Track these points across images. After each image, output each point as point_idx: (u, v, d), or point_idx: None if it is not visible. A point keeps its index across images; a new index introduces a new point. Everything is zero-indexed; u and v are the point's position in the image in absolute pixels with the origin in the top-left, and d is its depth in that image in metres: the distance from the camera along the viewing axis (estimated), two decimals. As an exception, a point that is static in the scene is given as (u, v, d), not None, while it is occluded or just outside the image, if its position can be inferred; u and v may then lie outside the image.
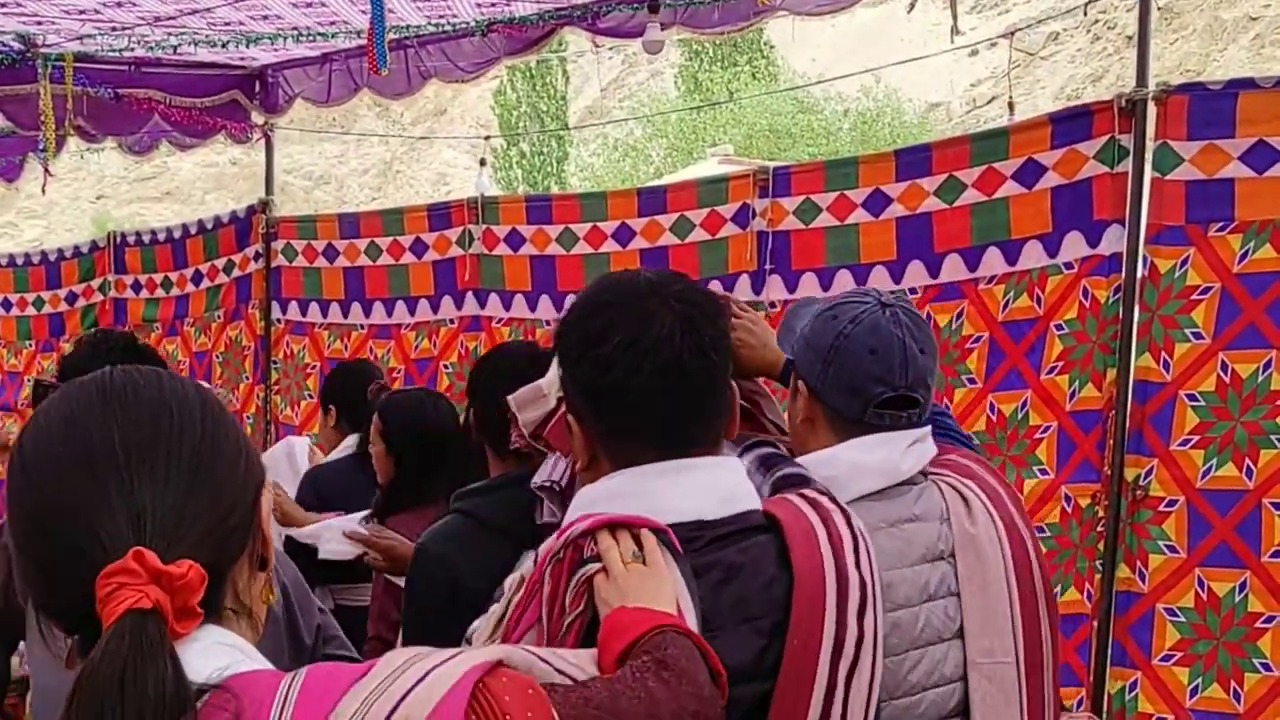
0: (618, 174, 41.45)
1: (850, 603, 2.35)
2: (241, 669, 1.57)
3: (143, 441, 1.58)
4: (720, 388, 2.43)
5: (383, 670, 1.59)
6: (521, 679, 1.70)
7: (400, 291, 7.93)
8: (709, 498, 2.36)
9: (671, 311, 2.39)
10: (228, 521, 1.61)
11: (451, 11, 7.16)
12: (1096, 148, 5.60)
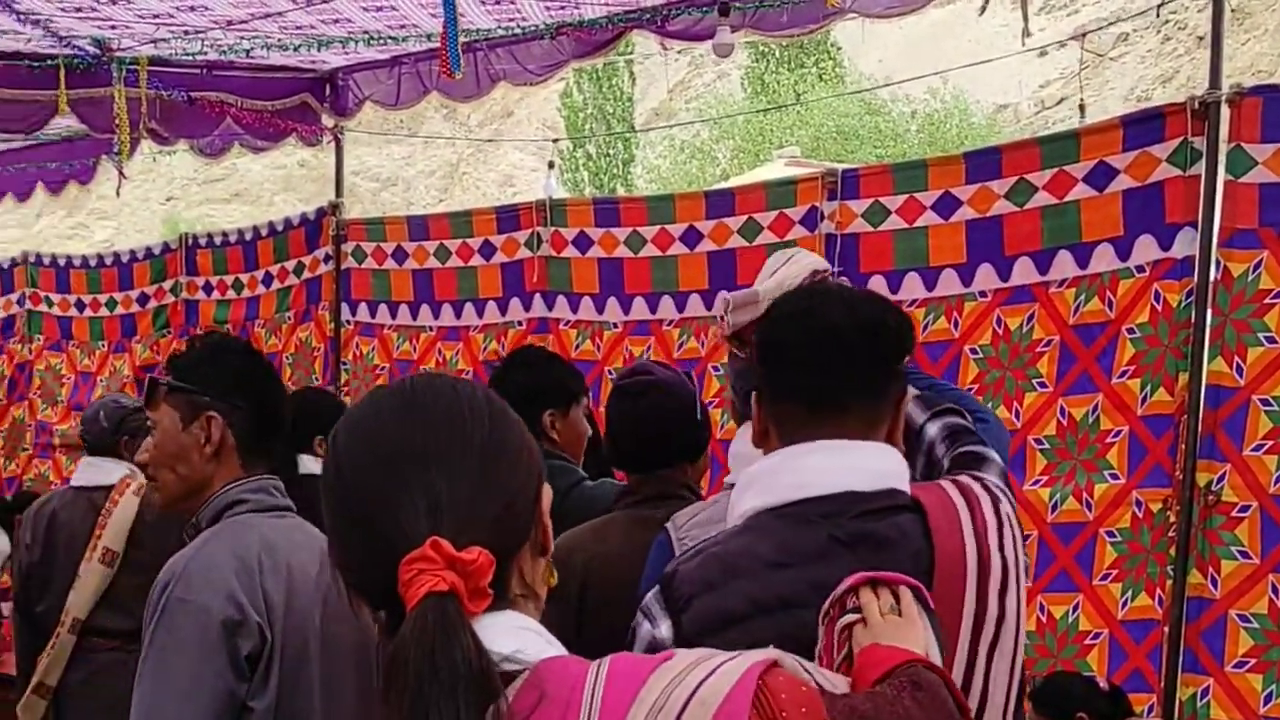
0: (684, 176, 41.44)
1: (992, 582, 2.44)
2: (547, 653, 1.75)
3: (439, 441, 1.77)
4: (877, 371, 2.56)
5: (679, 663, 1.74)
6: (795, 679, 1.81)
7: (469, 293, 7.96)
8: (860, 474, 2.48)
9: (842, 298, 2.64)
10: (512, 510, 1.79)
11: (521, 15, 7.19)
12: (1169, 150, 5.56)
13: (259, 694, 3.11)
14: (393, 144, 49.49)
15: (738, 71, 47.84)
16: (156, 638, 3.08)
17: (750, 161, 37.37)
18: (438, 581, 1.64)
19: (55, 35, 7.25)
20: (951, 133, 39.00)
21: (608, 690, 1.69)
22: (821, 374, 2.53)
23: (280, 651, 3.14)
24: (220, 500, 3.35)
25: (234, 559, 3.16)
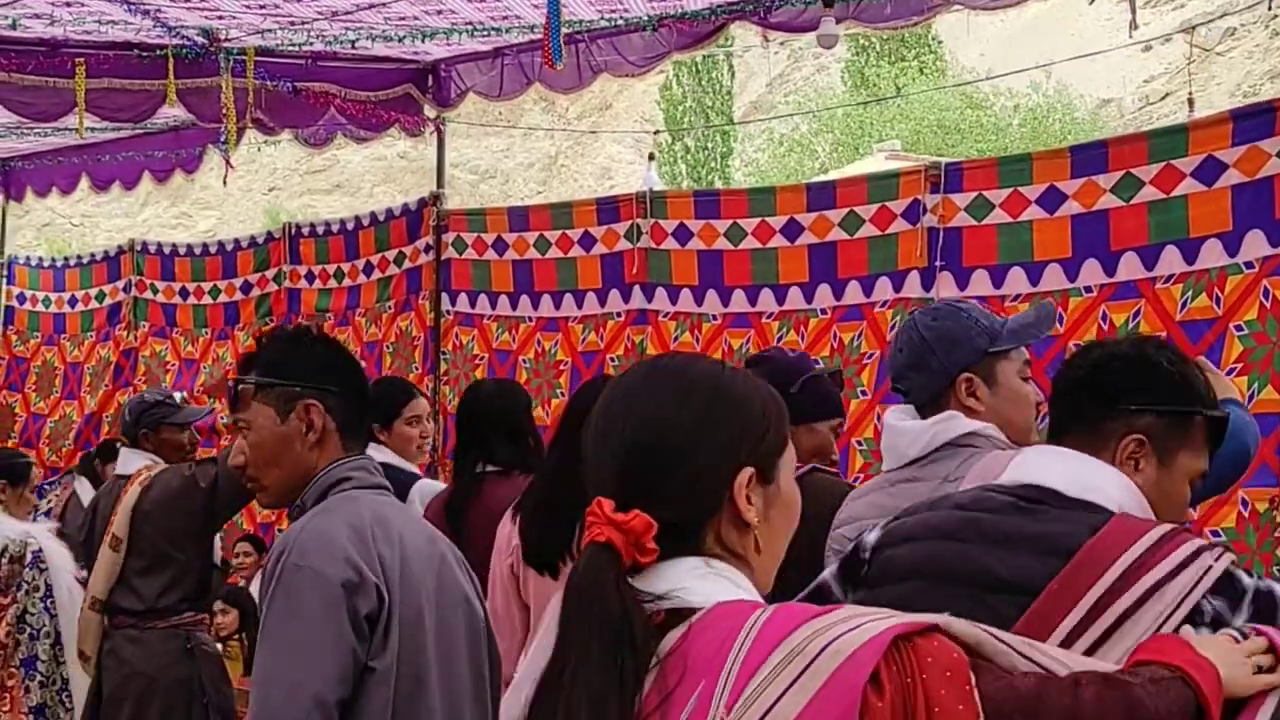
0: (783, 169, 41.28)
1: (1116, 608, 2.51)
2: (729, 597, 1.96)
3: (644, 416, 2.05)
4: (1099, 407, 2.78)
5: (836, 616, 1.89)
6: (949, 646, 1.90)
7: (568, 285, 7.99)
8: (1066, 479, 2.69)
9: (1105, 343, 2.96)
10: (695, 487, 2.02)
11: (623, 6, 7.20)
12: (1279, 145, 5.48)
13: (379, 654, 3.15)
14: (491, 136, 49.71)
15: (837, 65, 47.60)
16: (275, 604, 3.12)
17: (849, 155, 37.17)
18: (598, 534, 1.96)
19: (164, 25, 7.34)
20: (1054, 127, 38.57)
21: (763, 631, 1.87)
22: (1053, 405, 2.87)
23: (399, 614, 3.18)
24: (326, 478, 3.37)
25: (347, 528, 3.19)
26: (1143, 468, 2.73)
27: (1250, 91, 37.15)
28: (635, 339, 7.67)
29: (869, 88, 41.37)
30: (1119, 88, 44.01)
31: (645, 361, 2.21)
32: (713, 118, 44.02)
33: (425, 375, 8.68)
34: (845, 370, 6.87)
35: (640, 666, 1.92)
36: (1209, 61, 42.26)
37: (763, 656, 1.85)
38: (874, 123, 39.39)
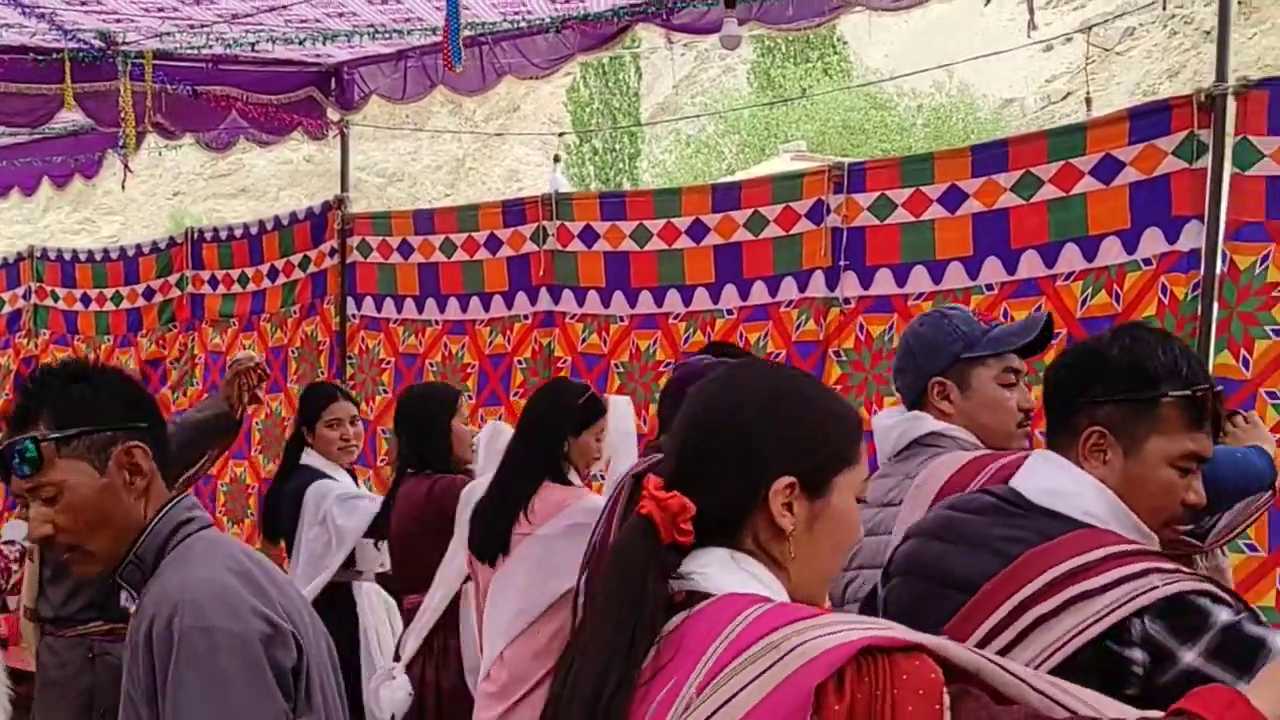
0: (690, 170, 41.38)
1: (1033, 613, 2.59)
2: (744, 589, 2.08)
3: (711, 409, 2.22)
4: (1056, 405, 2.88)
5: (827, 619, 1.98)
6: (929, 667, 1.93)
7: (475, 287, 7.96)
8: (1036, 487, 2.81)
9: (1081, 342, 3.04)
10: (731, 483, 2.15)
11: (526, 8, 7.18)
12: (1175, 143, 5.55)
13: (305, 713, 2.82)
14: (398, 139, 49.50)
15: (743, 66, 47.78)
16: (185, 680, 2.67)
17: (756, 156, 37.29)
18: (641, 507, 2.13)
19: (60, 28, 7.24)
20: (957, 127, 38.91)
21: (752, 624, 1.98)
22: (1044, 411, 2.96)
23: (311, 663, 2.85)
24: (163, 525, 2.93)
25: (233, 575, 2.81)
26: (1109, 459, 2.77)
27: (1149, 90, 37.65)
28: (542, 341, 7.66)
29: (774, 89, 41.56)
30: (1021, 87, 44.48)
31: (746, 358, 2.45)
32: (620, 119, 44.08)
33: (331, 380, 8.62)
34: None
35: (646, 637, 2.06)
36: (1109, 61, 42.79)
37: (743, 648, 1.95)
38: (780, 123, 39.56)
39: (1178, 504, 2.78)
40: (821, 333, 6.64)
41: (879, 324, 6.50)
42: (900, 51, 44.11)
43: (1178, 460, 2.75)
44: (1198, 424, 2.76)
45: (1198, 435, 2.76)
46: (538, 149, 49.97)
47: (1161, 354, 2.77)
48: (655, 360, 7.23)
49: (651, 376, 7.21)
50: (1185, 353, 2.81)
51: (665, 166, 44.66)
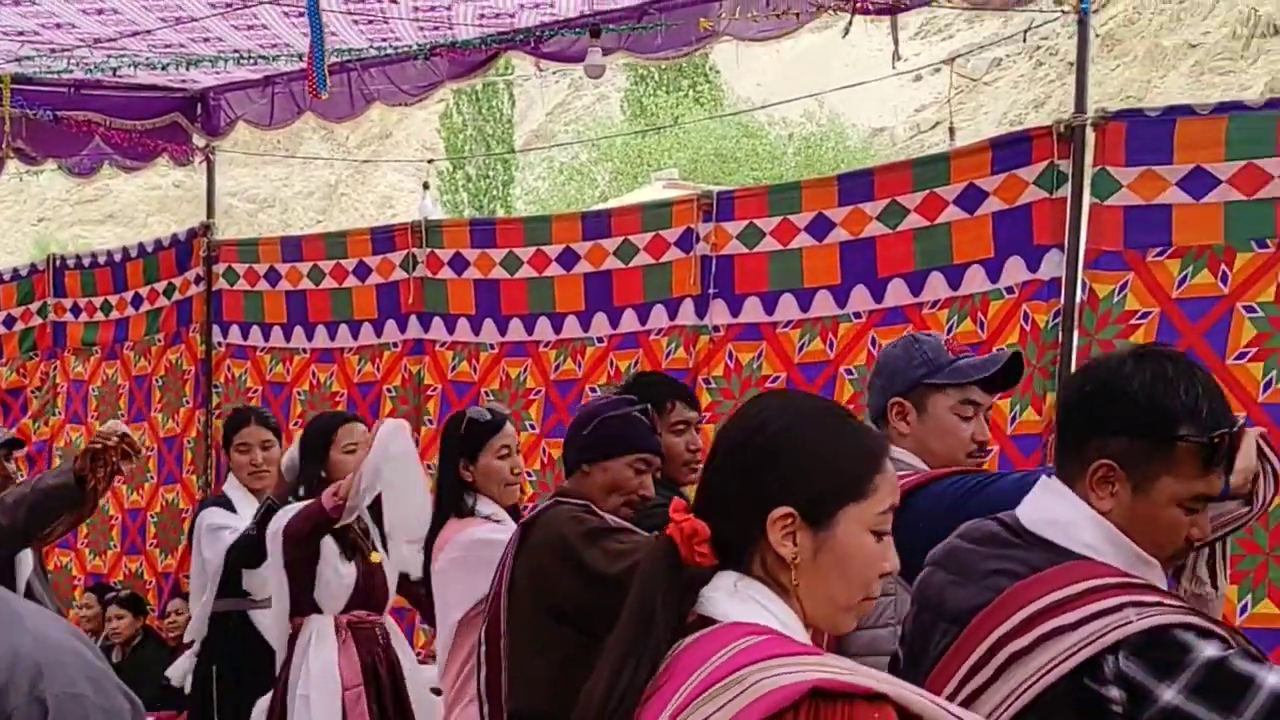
0: (563, 198, 41.41)
1: (1010, 648, 2.60)
2: (747, 618, 2.15)
3: (728, 437, 2.32)
4: (1063, 435, 2.81)
5: (798, 658, 2.05)
6: (890, 718, 2.02)
7: (343, 315, 7.90)
8: (1034, 515, 2.74)
9: (1084, 367, 3.02)
10: (733, 509, 2.23)
11: (394, 35, 7.15)
12: (1036, 173, 5.64)
13: None
14: (270, 165, 49.04)
15: (617, 94, 47.95)
16: None
17: (629, 184, 37.40)
18: (669, 528, 2.22)
19: (-86, 52, 7.11)
20: (827, 156, 39.28)
21: (734, 656, 2.06)
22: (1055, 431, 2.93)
23: None
24: None
25: (76, 639, 2.29)
26: (1117, 493, 2.66)
27: (1016, 120, 38.27)
28: (412, 369, 7.61)
29: (647, 117, 41.71)
30: (891, 117, 45.06)
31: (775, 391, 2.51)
32: (493, 146, 44.01)
33: (196, 409, 8.51)
34: (621, 398, 6.89)
35: (650, 655, 2.16)
36: (976, 91, 43.48)
37: (715, 680, 2.04)
38: (652, 151, 39.73)
39: (1181, 540, 2.68)
40: (691, 360, 6.65)
41: (748, 352, 6.53)
42: (772, 80, 44.48)
43: (1186, 501, 2.64)
44: (1212, 467, 2.64)
45: (1210, 478, 2.65)
46: (411, 175, 49.76)
47: (1183, 393, 2.62)
48: (526, 388, 7.21)
49: (522, 404, 7.19)
50: (1209, 392, 2.66)
51: (539, 194, 44.65)
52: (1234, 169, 5.12)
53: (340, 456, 5.83)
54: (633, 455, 4.41)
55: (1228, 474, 2.71)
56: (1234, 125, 5.14)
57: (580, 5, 6.60)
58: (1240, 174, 5.11)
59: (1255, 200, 5.09)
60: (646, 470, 4.43)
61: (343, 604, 5.77)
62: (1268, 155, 5.04)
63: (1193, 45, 40.64)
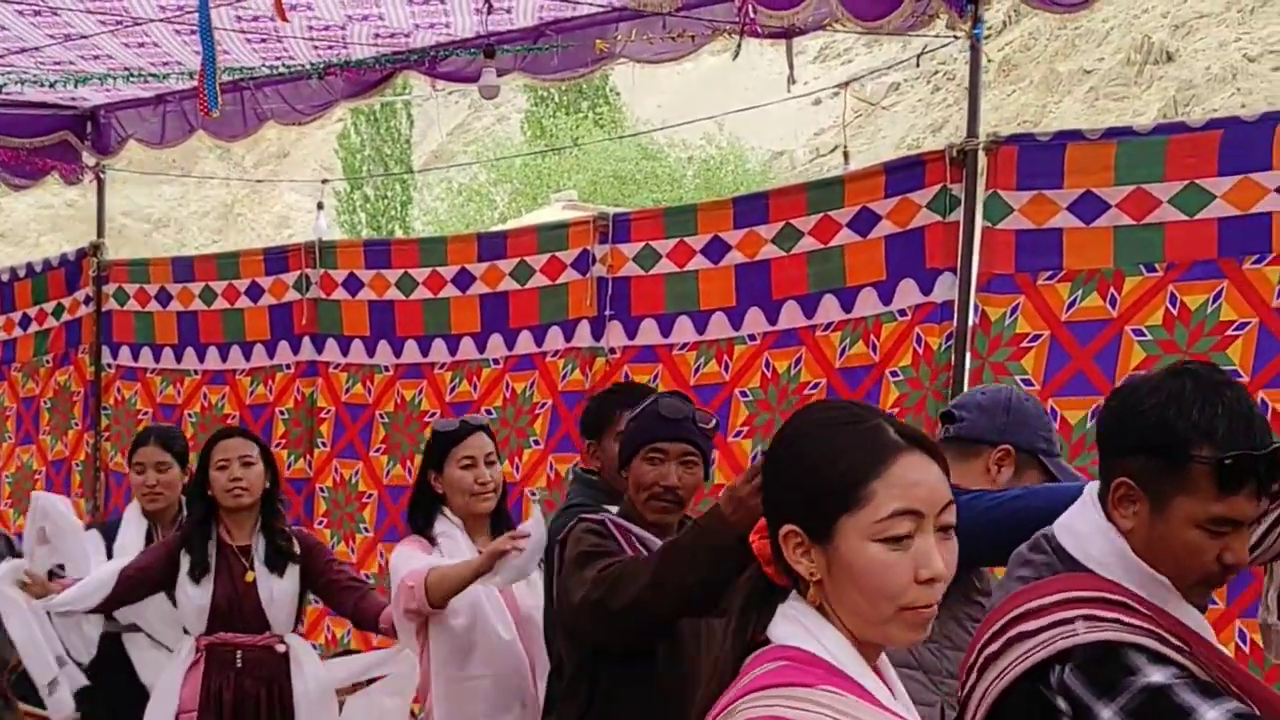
0: (462, 218, 41.27)
1: (986, 651, 2.68)
2: (791, 641, 2.17)
3: (766, 459, 2.34)
4: (1103, 449, 2.78)
5: (789, 690, 2.08)
6: None
7: (235, 336, 7.81)
8: (1059, 525, 2.80)
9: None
10: (771, 531, 2.24)
11: (288, 54, 7.08)
12: (929, 197, 5.67)
13: None
14: (165, 184, 48.48)
15: (517, 115, 47.89)
16: None
17: (528, 205, 37.33)
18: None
19: None
20: (727, 179, 39.42)
21: (745, 685, 2.10)
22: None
23: None
24: None
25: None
26: (1137, 511, 2.65)
27: (914, 144, 38.59)
28: (305, 391, 7.54)
29: (547, 138, 41.71)
30: (791, 140, 45.29)
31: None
32: (392, 166, 43.81)
33: (86, 431, 8.38)
34: (518, 420, 6.88)
35: (721, 673, 2.21)
36: (875, 115, 43.80)
37: (724, 707, 2.10)
38: (552, 173, 39.71)
39: (1210, 564, 2.61)
40: (588, 382, 6.64)
41: (644, 374, 6.51)
42: (673, 103, 44.59)
43: (1205, 523, 2.59)
44: (1232, 489, 2.57)
45: (1232, 500, 2.58)
46: (309, 196, 49.35)
47: (1197, 412, 2.58)
48: (420, 410, 7.16)
49: (417, 427, 7.14)
50: (1231, 411, 2.60)
51: (437, 214, 44.45)
52: (1123, 193, 5.17)
53: (214, 473, 5.72)
54: (643, 449, 4.31)
55: (1267, 496, 2.65)
56: (1123, 150, 5.20)
57: (476, 26, 6.58)
58: (1129, 199, 5.16)
59: (1144, 225, 5.14)
60: (663, 460, 4.26)
61: (201, 625, 5.67)
62: (1156, 180, 5.10)
63: (1088, 71, 41.20)
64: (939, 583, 2.13)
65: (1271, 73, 37.60)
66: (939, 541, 2.14)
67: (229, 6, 6.18)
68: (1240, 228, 4.95)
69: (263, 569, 5.74)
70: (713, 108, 18.55)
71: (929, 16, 5.80)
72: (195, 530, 5.75)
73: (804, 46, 6.65)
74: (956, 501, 2.20)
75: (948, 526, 2.16)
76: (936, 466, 2.19)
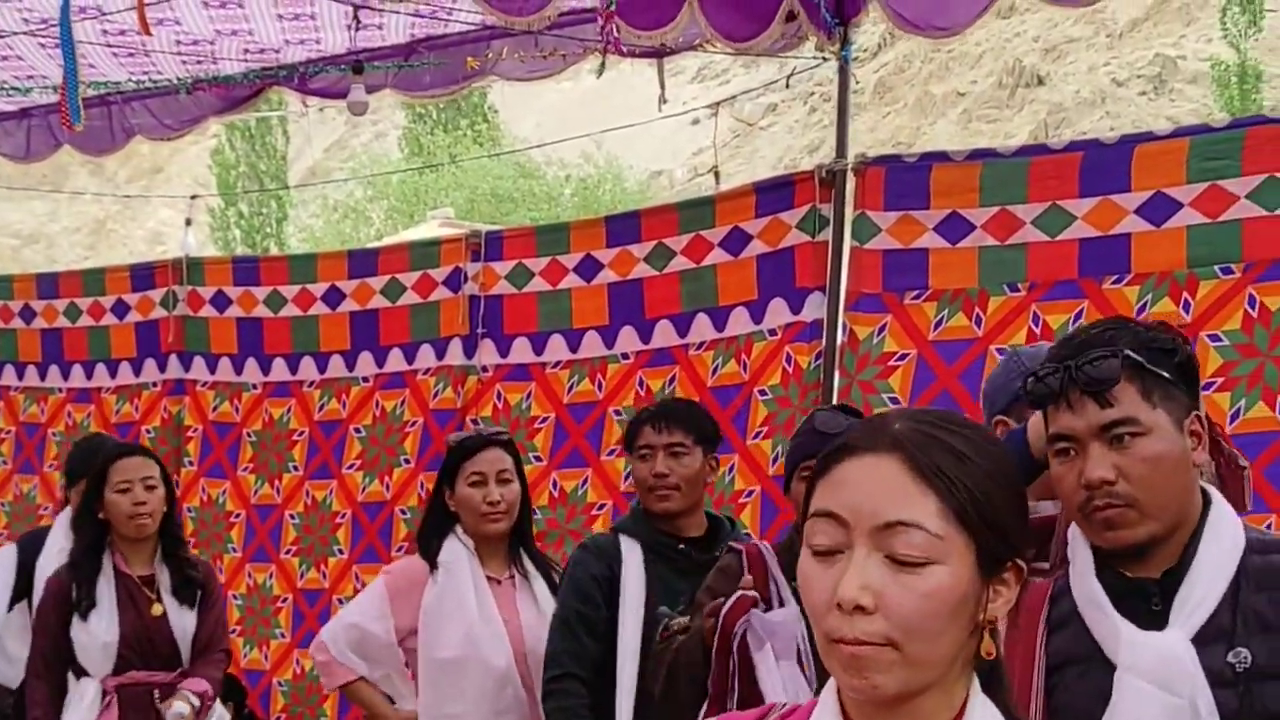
0: (338, 235, 41.03)
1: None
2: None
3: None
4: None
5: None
6: None
7: (101, 354, 7.69)
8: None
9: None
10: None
11: (156, 68, 7.00)
12: (799, 217, 5.72)
13: None
14: (34, 199, 47.70)
15: (395, 132, 47.73)
16: None
17: (405, 222, 37.21)
18: None
19: None
20: (605, 198, 39.55)
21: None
22: None
23: None
24: None
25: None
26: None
27: (790, 164, 38.90)
28: (172, 409, 7.43)
29: (424, 155, 41.57)
30: (669, 159, 45.50)
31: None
32: (267, 183, 43.39)
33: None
34: (389, 439, 6.83)
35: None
36: (753, 136, 44.15)
37: None
38: (429, 190, 39.63)
39: (1071, 491, 2.60)
40: (459, 401, 6.61)
41: (516, 392, 6.50)
42: (551, 121, 44.60)
43: (1055, 450, 2.62)
44: (1045, 404, 2.64)
45: (1055, 414, 2.61)
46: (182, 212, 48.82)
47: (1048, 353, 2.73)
48: (289, 429, 7.09)
49: (285, 445, 7.07)
50: (1062, 341, 2.73)
51: (313, 231, 44.17)
52: (988, 214, 5.24)
53: (113, 496, 5.25)
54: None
55: (1099, 403, 2.60)
56: (987, 172, 5.27)
57: (346, 42, 6.54)
58: (993, 219, 5.23)
59: (1008, 245, 5.20)
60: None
61: (108, 666, 5.21)
62: (1019, 201, 5.17)
63: (961, 94, 41.82)
64: (866, 616, 1.72)
65: (1139, 97, 38.41)
66: (887, 569, 1.72)
67: (95, 20, 6.10)
68: (1100, 248, 5.03)
69: (171, 600, 5.34)
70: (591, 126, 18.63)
71: (799, 38, 5.86)
72: (86, 559, 5.28)
73: (682, 66, 6.71)
74: None
75: (897, 557, 1.72)
76: (909, 476, 1.74)
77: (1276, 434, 4.71)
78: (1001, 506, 1.77)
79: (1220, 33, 37.17)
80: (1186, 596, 2.53)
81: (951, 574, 1.72)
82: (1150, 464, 2.53)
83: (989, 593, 1.78)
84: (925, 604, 1.71)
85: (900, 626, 1.71)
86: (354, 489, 6.88)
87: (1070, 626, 2.62)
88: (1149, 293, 4.95)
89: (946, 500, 1.73)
